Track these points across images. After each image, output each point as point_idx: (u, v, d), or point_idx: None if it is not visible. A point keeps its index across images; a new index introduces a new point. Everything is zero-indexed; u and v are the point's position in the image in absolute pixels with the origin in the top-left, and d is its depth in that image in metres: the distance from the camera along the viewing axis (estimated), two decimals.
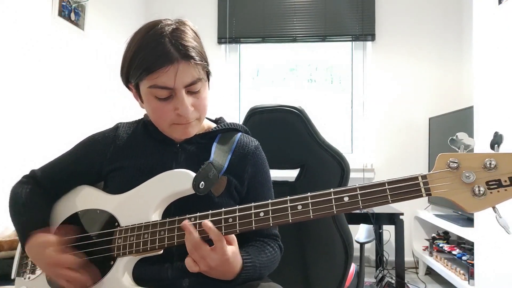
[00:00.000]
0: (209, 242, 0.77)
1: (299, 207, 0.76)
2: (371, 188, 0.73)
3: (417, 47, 3.17)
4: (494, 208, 0.67)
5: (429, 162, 3.04)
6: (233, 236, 0.80)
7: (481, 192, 0.66)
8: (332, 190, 0.75)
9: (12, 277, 0.94)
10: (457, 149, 0.71)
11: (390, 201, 0.71)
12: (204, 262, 0.76)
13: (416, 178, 0.71)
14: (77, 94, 2.37)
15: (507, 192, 0.65)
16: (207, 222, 0.76)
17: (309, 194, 0.76)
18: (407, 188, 0.71)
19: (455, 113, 2.68)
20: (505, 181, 0.65)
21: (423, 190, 0.70)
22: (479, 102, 1.90)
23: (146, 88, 0.85)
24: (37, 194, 0.96)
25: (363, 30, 3.20)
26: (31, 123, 1.98)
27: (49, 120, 2.11)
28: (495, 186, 0.66)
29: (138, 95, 0.90)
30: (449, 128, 2.75)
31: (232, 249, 0.78)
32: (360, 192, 0.73)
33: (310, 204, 0.75)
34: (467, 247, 2.42)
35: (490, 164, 0.66)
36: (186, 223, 0.77)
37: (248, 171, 0.96)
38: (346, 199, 0.74)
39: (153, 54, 0.82)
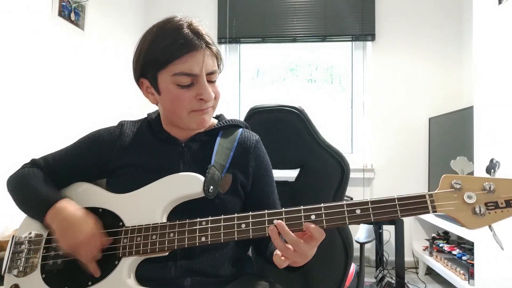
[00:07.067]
0: None
1: (313, 216, 0.78)
2: (382, 203, 0.77)
3: (417, 47, 3.17)
4: (490, 226, 0.74)
5: (429, 162, 3.04)
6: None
7: (481, 212, 0.73)
8: (344, 202, 0.78)
9: (2, 273, 0.90)
10: (457, 172, 0.77)
11: (399, 216, 0.77)
12: (297, 254, 0.77)
13: (424, 196, 0.76)
14: (77, 94, 2.37)
15: (503, 213, 0.73)
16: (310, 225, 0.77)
17: (322, 205, 0.79)
18: (415, 205, 0.76)
19: (455, 113, 2.68)
20: (502, 203, 0.73)
21: (430, 207, 0.76)
22: (479, 102, 1.90)
23: (169, 76, 0.86)
24: (46, 176, 0.95)
25: (363, 30, 3.19)
26: (31, 122, 1.98)
27: (49, 120, 2.11)
28: (493, 207, 0.73)
29: (154, 87, 0.90)
30: (449, 128, 2.75)
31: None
32: (371, 206, 0.77)
33: (323, 214, 0.78)
34: (467, 247, 2.42)
35: (489, 187, 0.74)
36: (282, 224, 0.77)
37: (252, 164, 0.97)
38: (358, 211, 0.77)
39: (177, 42, 0.84)
